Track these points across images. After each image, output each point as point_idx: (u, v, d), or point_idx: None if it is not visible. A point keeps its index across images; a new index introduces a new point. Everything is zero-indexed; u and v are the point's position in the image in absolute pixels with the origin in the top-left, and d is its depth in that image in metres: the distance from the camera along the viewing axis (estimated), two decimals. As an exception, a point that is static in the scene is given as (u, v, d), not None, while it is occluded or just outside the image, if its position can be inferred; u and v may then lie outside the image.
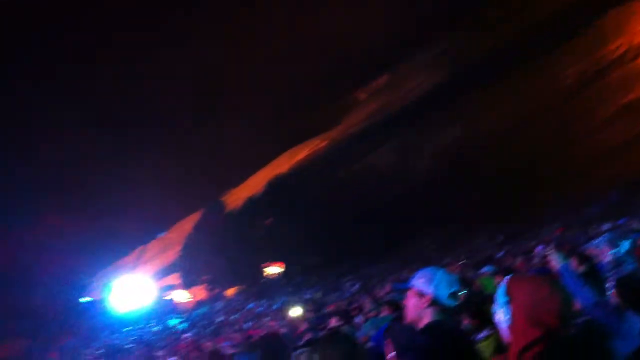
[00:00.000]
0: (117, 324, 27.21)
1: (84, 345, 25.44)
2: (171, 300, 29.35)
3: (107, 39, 24.17)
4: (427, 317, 2.71)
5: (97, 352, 21.87)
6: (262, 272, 30.10)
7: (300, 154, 34.69)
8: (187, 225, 33.68)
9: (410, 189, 30.44)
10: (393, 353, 2.78)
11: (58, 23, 22.49)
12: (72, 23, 23.19)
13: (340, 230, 29.64)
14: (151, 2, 24.13)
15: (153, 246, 33.70)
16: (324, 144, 34.40)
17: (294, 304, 19.49)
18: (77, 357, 23.14)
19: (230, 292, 29.16)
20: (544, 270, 5.09)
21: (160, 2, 24.58)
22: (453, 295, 2.77)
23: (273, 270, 30.14)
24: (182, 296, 29.75)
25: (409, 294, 2.82)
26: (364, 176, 31.79)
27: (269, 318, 17.69)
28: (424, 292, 2.75)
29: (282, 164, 34.27)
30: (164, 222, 33.08)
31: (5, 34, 21.37)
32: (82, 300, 29.74)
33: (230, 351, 7.23)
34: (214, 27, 25.66)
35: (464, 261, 16.70)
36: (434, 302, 2.72)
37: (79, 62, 24.43)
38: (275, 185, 33.19)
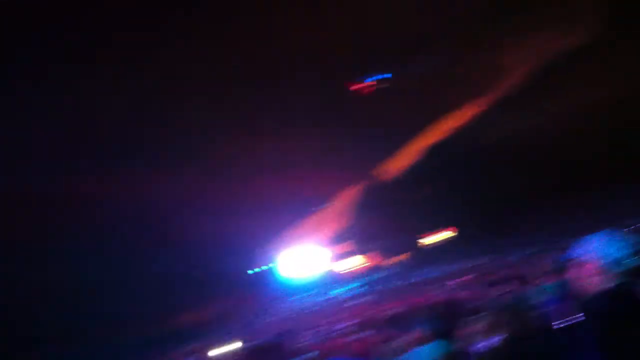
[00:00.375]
0: (289, 292, 28.26)
1: (258, 313, 26.76)
2: (341, 268, 29.91)
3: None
4: (597, 283, 2.66)
5: (271, 319, 22.91)
6: (428, 240, 30.09)
7: (454, 120, 34.06)
8: (352, 194, 34.22)
9: (564, 153, 28.99)
10: (567, 319, 2.81)
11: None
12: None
13: (501, 197, 28.90)
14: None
15: (320, 215, 34.57)
16: (475, 110, 33.54)
17: (460, 271, 19.38)
18: (253, 324, 24.39)
19: (398, 259, 29.40)
20: None
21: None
22: (624, 259, 2.70)
23: (438, 237, 30.00)
24: (351, 264, 30.21)
25: (578, 260, 2.79)
26: (515, 141, 30.65)
27: (436, 285, 17.71)
28: (593, 257, 2.70)
29: (437, 132, 33.84)
30: (330, 192, 33.75)
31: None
32: (256, 269, 31.15)
33: (401, 316, 7.41)
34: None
35: (634, 225, 15.68)
36: (604, 268, 2.66)
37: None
38: (432, 154, 32.87)
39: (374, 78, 27.94)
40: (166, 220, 28.37)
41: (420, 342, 3.91)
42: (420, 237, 30.07)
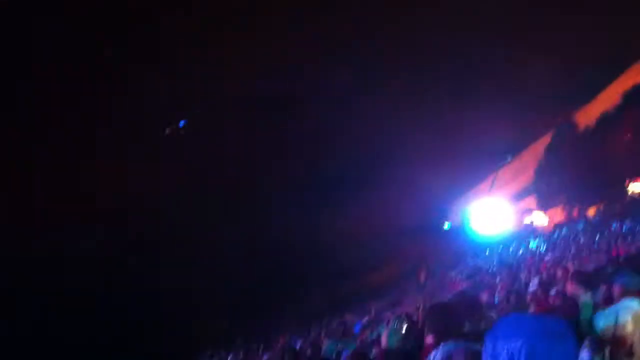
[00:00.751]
0: (478, 248, 27.98)
1: (448, 268, 26.79)
2: (530, 222, 29.18)
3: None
4: None
5: (461, 275, 22.86)
6: (625, 189, 28.08)
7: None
8: (539, 147, 32.90)
9: None
10: None
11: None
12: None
13: None
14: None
15: (508, 169, 33.72)
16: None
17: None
18: (442, 278, 24.51)
19: (591, 211, 27.83)
20: None
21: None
22: None
23: (638, 186, 27.92)
24: (540, 218, 29.38)
25: None
26: None
27: (635, 237, 16.61)
28: None
29: (636, 74, 31.16)
30: (517, 145, 32.80)
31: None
32: (444, 225, 31.15)
33: (595, 271, 7.06)
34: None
35: None
36: None
37: None
38: (630, 97, 30.38)
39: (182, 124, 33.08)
40: (359, 177, 29.22)
41: (621, 296, 3.70)
42: (617, 188, 28.17)
